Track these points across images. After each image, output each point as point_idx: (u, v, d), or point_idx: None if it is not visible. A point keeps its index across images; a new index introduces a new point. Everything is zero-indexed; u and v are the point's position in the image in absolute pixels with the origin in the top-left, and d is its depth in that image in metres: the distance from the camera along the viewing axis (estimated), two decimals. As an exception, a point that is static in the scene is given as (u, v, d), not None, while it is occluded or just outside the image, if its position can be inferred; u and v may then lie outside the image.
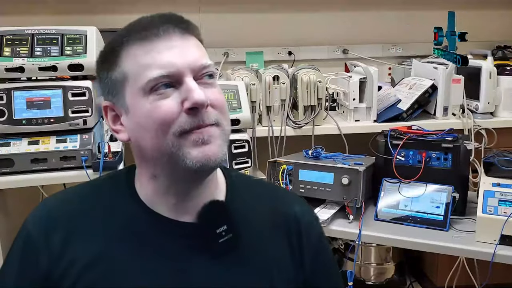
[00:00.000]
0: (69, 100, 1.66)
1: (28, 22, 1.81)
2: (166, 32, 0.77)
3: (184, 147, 0.75)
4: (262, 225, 0.87)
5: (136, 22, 0.80)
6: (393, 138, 1.67)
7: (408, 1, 2.87)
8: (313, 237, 0.91)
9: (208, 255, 0.81)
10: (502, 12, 2.91)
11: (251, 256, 0.84)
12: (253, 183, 0.99)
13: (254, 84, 2.10)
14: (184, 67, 0.76)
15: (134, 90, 0.77)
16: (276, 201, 0.93)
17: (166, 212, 0.82)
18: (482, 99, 2.31)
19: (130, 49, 0.78)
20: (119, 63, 0.79)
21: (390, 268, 2.34)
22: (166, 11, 0.82)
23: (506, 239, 1.39)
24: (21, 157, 1.63)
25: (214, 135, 0.77)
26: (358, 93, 2.23)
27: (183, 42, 0.78)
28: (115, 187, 0.86)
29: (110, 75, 0.80)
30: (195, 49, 0.80)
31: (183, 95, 0.76)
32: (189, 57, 0.77)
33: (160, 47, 0.77)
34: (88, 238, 0.80)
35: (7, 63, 1.64)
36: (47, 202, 0.87)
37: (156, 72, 0.75)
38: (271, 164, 1.70)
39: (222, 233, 0.81)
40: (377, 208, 1.60)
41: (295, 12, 2.80)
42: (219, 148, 0.78)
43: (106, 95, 0.83)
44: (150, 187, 0.82)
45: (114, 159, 1.64)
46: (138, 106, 0.77)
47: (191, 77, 0.77)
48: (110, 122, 0.84)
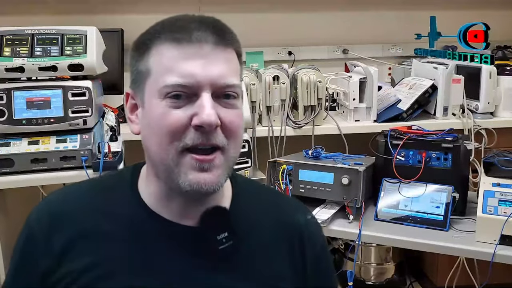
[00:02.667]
0: (69, 100, 1.66)
1: (28, 22, 1.81)
2: (198, 39, 0.74)
3: (182, 166, 0.74)
4: (264, 235, 0.86)
5: (174, 20, 0.78)
6: (393, 138, 1.67)
7: (408, 1, 2.87)
8: (315, 247, 0.90)
9: (208, 261, 0.80)
10: (502, 12, 2.91)
11: (252, 265, 0.83)
12: (258, 190, 0.97)
13: (254, 84, 2.10)
14: (204, 80, 0.73)
15: (152, 89, 0.76)
16: (280, 210, 0.91)
17: (168, 215, 0.81)
18: (482, 99, 2.31)
19: (160, 47, 0.75)
20: (147, 56, 0.77)
21: (390, 268, 2.34)
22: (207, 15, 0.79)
23: (506, 239, 1.39)
24: (21, 157, 1.63)
25: (215, 164, 0.75)
26: (358, 93, 2.23)
27: (214, 53, 0.74)
28: (119, 187, 0.85)
29: (137, 65, 0.79)
30: (224, 64, 0.75)
31: (195, 110, 0.73)
32: (213, 72, 0.73)
33: (187, 54, 0.73)
34: (89, 238, 0.79)
35: (7, 63, 1.64)
36: (50, 200, 0.86)
37: (174, 79, 0.73)
38: (271, 164, 1.70)
39: (222, 239, 0.80)
40: (377, 208, 1.60)
41: (295, 12, 2.80)
42: (217, 178, 0.75)
43: (131, 83, 0.82)
44: (155, 187, 0.82)
45: (114, 159, 1.64)
46: (152, 106, 0.76)
47: (208, 93, 0.73)
48: (128, 110, 0.83)
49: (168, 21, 0.78)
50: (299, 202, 0.99)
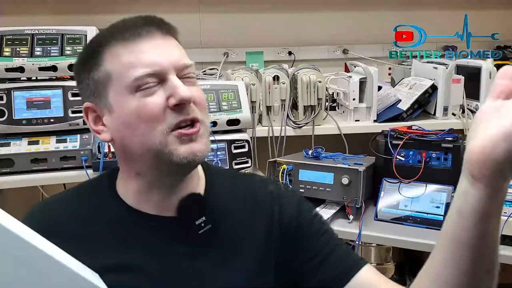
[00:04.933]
0: (69, 100, 1.66)
1: (28, 22, 1.81)
2: (149, 32, 0.80)
3: (171, 145, 0.78)
4: (242, 213, 0.90)
5: (119, 23, 0.83)
6: (393, 138, 1.67)
7: (408, 1, 2.87)
8: (292, 210, 0.91)
9: (191, 247, 0.83)
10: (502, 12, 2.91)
11: (234, 245, 0.86)
12: (231, 175, 1.02)
13: (254, 84, 2.10)
14: (168, 65, 0.79)
15: (119, 89, 0.79)
16: (252, 187, 0.95)
17: (149, 209, 0.84)
18: (482, 99, 2.30)
19: (113, 49, 0.80)
20: (101, 63, 0.80)
21: (390, 268, 2.34)
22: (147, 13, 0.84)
23: (506, 239, 1.40)
24: (21, 157, 1.63)
25: (201, 134, 0.80)
26: (358, 93, 2.23)
27: (165, 42, 0.82)
28: (98, 190, 0.89)
29: (92, 75, 0.81)
30: (177, 50, 0.83)
31: (168, 92, 0.78)
32: (172, 57, 0.80)
33: (144, 47, 0.79)
34: (76, 242, 0.80)
35: (7, 63, 1.64)
36: (32, 210, 0.89)
37: (141, 71, 0.77)
38: (271, 164, 1.70)
39: (201, 224, 0.84)
40: (377, 208, 1.60)
41: (295, 12, 2.80)
42: (205, 145, 0.81)
43: (87, 97, 0.84)
44: (133, 185, 0.85)
45: (114, 159, 1.64)
46: (123, 104, 0.79)
47: (174, 75, 0.79)
48: (91, 123, 0.86)
49: (112, 27, 0.83)
50: (268, 179, 1.00)
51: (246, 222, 0.89)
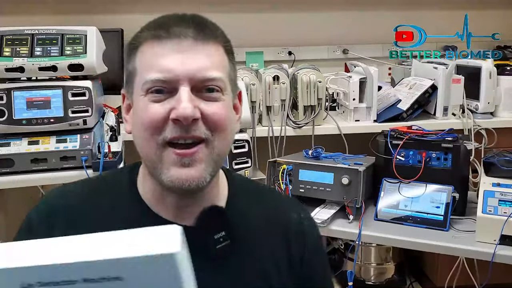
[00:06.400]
0: (69, 100, 1.66)
1: (28, 22, 1.81)
2: (177, 34, 0.74)
3: (164, 162, 0.74)
4: (261, 233, 0.86)
5: (156, 19, 0.79)
6: (393, 138, 1.67)
7: (408, 1, 2.87)
8: (306, 246, 0.89)
9: (206, 260, 0.78)
10: (502, 12, 2.91)
11: (250, 263, 0.83)
12: (255, 190, 0.96)
13: (254, 84, 2.10)
14: (182, 75, 0.73)
15: (138, 87, 0.77)
16: (276, 208, 0.91)
17: (167, 215, 0.81)
18: (482, 99, 2.31)
19: (144, 45, 0.77)
20: (134, 56, 0.79)
21: (390, 268, 2.34)
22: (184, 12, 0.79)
23: (506, 239, 1.39)
24: (21, 157, 1.63)
25: (198, 158, 0.74)
26: (358, 93, 2.23)
27: (193, 48, 0.74)
28: (118, 186, 0.85)
29: (128, 66, 0.80)
30: (204, 58, 0.74)
31: (173, 104, 0.73)
32: (191, 66, 0.73)
33: (166, 50, 0.74)
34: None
35: (7, 63, 1.64)
36: (49, 196, 0.87)
37: (154, 75, 0.73)
38: (271, 164, 1.70)
39: (220, 239, 0.79)
40: (377, 208, 1.60)
41: (295, 12, 2.80)
42: (200, 173, 0.74)
43: (125, 83, 0.83)
44: (149, 184, 0.82)
45: (114, 159, 1.64)
46: (136, 102, 0.78)
47: (187, 87, 0.73)
48: (124, 110, 0.84)
49: (152, 21, 0.79)
50: (295, 200, 0.98)
51: (264, 243, 0.85)
